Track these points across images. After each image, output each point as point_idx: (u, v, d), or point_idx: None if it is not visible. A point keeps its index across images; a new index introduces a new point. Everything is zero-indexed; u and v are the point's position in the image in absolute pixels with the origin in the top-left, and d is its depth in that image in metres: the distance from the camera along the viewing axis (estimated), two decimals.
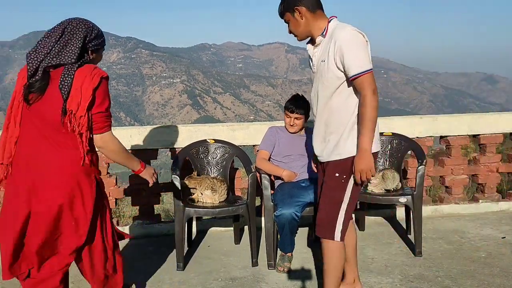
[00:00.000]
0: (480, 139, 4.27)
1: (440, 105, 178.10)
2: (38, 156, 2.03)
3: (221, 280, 2.96)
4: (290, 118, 3.33)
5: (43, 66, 1.99)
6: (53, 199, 2.03)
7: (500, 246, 3.44)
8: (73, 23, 2.07)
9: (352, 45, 2.16)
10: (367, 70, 2.16)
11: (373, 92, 2.16)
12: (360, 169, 2.20)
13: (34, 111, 2.02)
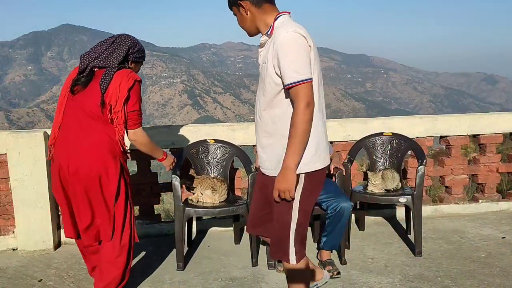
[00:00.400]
0: (480, 139, 4.28)
1: (440, 105, 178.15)
2: (73, 137, 2.43)
3: (221, 280, 2.96)
4: None
5: (91, 66, 2.47)
6: (83, 171, 2.41)
7: (500, 246, 3.45)
8: (122, 37, 2.59)
9: (289, 50, 1.91)
10: (304, 80, 1.90)
11: (307, 105, 1.91)
12: (277, 188, 1.97)
13: (76, 101, 2.43)
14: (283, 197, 1.98)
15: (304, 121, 1.91)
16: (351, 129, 4.01)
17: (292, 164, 1.94)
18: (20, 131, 3.58)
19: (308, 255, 3.31)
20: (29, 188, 3.42)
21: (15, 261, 3.36)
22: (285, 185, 1.95)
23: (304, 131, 1.92)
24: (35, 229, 3.49)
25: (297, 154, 1.94)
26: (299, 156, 1.95)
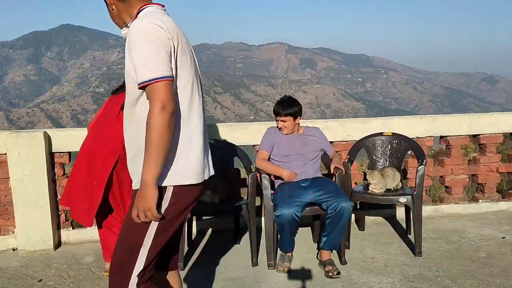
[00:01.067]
0: (480, 139, 4.28)
1: (440, 105, 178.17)
2: (99, 130, 2.86)
3: (221, 280, 2.96)
4: (278, 121, 3.35)
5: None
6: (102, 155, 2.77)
7: (500, 246, 3.45)
8: None
9: (141, 43, 1.62)
10: (157, 78, 1.59)
11: (162, 108, 1.59)
12: (136, 206, 1.65)
13: (109, 103, 2.91)
14: (143, 218, 1.65)
15: (157, 126, 1.58)
16: (351, 129, 4.01)
17: (148, 177, 1.61)
18: (20, 131, 3.58)
19: (308, 255, 3.33)
20: (29, 188, 3.42)
21: (15, 261, 3.36)
22: (143, 203, 1.63)
23: (158, 137, 1.59)
24: (35, 229, 3.49)
25: (153, 166, 1.61)
26: (156, 168, 1.62)
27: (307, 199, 3.07)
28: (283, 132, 3.38)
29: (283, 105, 3.31)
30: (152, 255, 1.76)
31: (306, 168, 3.34)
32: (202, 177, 1.80)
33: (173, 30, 1.69)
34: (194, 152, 1.77)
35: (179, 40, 1.70)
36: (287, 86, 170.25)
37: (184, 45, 1.73)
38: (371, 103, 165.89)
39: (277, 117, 3.35)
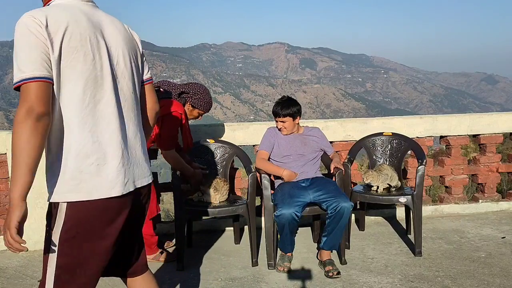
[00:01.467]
0: (480, 139, 4.28)
1: (440, 105, 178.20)
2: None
3: (221, 280, 2.96)
4: (277, 122, 3.35)
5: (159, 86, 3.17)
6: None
7: (500, 246, 3.45)
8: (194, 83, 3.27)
9: (17, 40, 1.44)
10: (29, 79, 1.40)
11: (27, 111, 1.37)
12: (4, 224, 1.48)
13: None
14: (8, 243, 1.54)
15: (21, 132, 1.37)
16: (351, 129, 4.01)
17: (14, 193, 1.42)
18: None
19: (308, 255, 3.33)
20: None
21: (15, 261, 3.36)
22: (7, 220, 1.46)
23: (21, 145, 1.39)
24: (35, 229, 3.48)
25: (18, 179, 1.43)
26: (21, 181, 1.44)
27: (307, 199, 3.06)
28: (283, 132, 3.37)
29: (282, 106, 3.30)
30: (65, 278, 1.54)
31: (306, 168, 3.34)
32: (113, 191, 1.52)
33: (63, 25, 1.45)
34: (85, 164, 1.50)
35: (67, 37, 1.45)
36: (287, 86, 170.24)
37: (77, 42, 1.47)
38: (371, 103, 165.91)
39: (276, 118, 3.35)
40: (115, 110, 1.57)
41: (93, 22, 1.55)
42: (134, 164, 1.64)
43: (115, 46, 1.61)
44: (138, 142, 1.67)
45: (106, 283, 2.93)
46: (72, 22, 1.48)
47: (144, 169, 1.69)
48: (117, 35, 1.62)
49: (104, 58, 1.55)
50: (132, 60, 1.67)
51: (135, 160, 1.65)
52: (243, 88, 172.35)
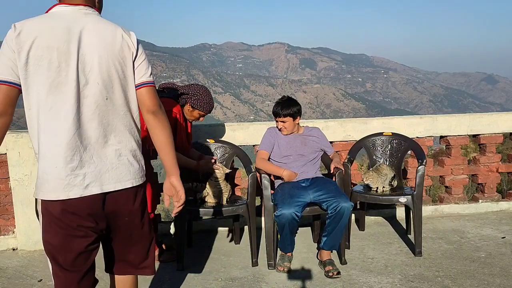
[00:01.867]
0: (480, 139, 4.28)
1: (440, 105, 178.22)
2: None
3: (221, 280, 2.96)
4: (278, 122, 3.35)
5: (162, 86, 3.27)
6: None
7: (500, 246, 3.45)
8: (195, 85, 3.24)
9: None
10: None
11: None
12: None
13: None
14: None
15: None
16: (351, 129, 4.01)
17: None
18: (20, 131, 3.58)
19: (308, 255, 3.33)
20: (29, 188, 3.42)
21: (15, 261, 3.36)
22: None
23: None
24: (35, 229, 3.49)
25: None
26: None
27: (307, 199, 3.06)
28: (283, 132, 3.38)
29: (282, 106, 3.30)
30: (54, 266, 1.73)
31: (306, 168, 3.34)
32: (70, 193, 1.63)
33: (33, 35, 1.58)
34: (48, 166, 1.62)
35: (34, 46, 1.58)
36: (287, 86, 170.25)
37: (44, 51, 1.58)
38: (371, 103, 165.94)
39: (277, 118, 3.35)
40: (77, 116, 1.63)
41: (71, 31, 1.63)
42: (102, 169, 1.69)
43: (90, 54, 1.65)
44: (113, 147, 1.72)
45: (106, 283, 2.93)
46: (44, 32, 1.60)
47: (120, 173, 1.74)
48: (96, 43, 1.67)
49: (71, 65, 1.62)
50: (113, 66, 1.70)
51: (104, 165, 1.70)
52: (243, 88, 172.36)
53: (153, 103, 1.80)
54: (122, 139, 1.75)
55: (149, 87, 1.80)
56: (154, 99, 1.81)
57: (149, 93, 1.80)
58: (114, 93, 1.71)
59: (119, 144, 1.74)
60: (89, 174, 1.65)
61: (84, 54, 1.64)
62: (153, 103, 1.80)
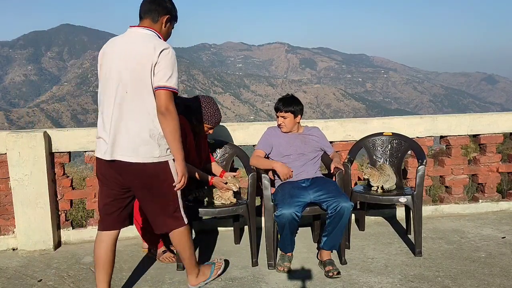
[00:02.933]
0: (480, 139, 4.28)
1: (440, 105, 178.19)
2: None
3: (221, 280, 2.96)
4: (278, 117, 3.37)
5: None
6: None
7: (500, 246, 3.45)
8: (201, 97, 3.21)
9: None
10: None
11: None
12: None
13: None
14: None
15: None
16: (351, 129, 4.01)
17: None
18: (20, 131, 3.58)
19: (308, 255, 3.33)
20: (29, 188, 3.42)
21: (15, 261, 3.36)
22: None
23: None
24: (35, 229, 3.49)
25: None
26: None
27: (307, 199, 3.06)
28: (283, 129, 3.38)
29: (284, 102, 3.35)
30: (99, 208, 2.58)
31: (306, 167, 3.34)
32: (98, 153, 2.46)
33: (103, 50, 2.48)
34: (97, 135, 2.46)
35: (100, 56, 2.49)
36: (287, 86, 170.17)
37: (101, 60, 2.47)
38: (371, 103, 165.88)
39: (278, 113, 3.36)
40: (112, 105, 2.37)
41: (115, 43, 2.45)
42: (115, 143, 2.37)
43: (118, 60, 2.38)
44: (124, 129, 2.35)
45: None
46: (106, 47, 2.49)
47: (124, 149, 2.37)
48: (125, 53, 2.36)
49: (113, 68, 2.38)
50: (131, 71, 2.32)
51: (116, 141, 2.37)
52: (243, 88, 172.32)
53: (160, 105, 2.31)
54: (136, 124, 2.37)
55: (158, 90, 2.31)
56: (161, 102, 2.31)
57: (159, 96, 2.31)
58: (134, 90, 2.34)
59: (135, 128, 2.37)
60: (107, 145, 2.42)
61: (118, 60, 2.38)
62: (160, 104, 2.31)
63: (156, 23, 2.48)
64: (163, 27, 2.50)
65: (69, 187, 3.67)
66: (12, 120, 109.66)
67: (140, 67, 2.30)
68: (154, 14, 2.47)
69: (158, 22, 2.48)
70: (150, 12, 2.46)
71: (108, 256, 2.53)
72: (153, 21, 2.47)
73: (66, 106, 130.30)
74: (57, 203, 3.64)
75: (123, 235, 3.75)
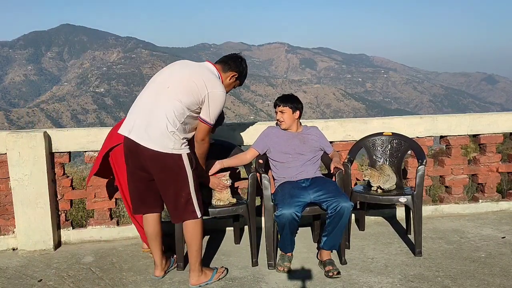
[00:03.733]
0: (480, 139, 4.28)
1: (440, 105, 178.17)
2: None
3: (221, 280, 2.96)
4: (277, 113, 3.40)
5: None
6: None
7: (500, 246, 3.45)
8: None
9: None
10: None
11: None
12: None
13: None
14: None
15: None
16: (351, 129, 4.01)
17: None
18: (20, 131, 3.58)
19: (308, 255, 3.33)
20: (29, 188, 3.42)
21: (15, 261, 3.36)
22: None
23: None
24: (35, 229, 3.49)
25: None
26: None
27: (307, 199, 3.06)
28: (282, 126, 3.38)
29: (282, 97, 3.42)
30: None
31: (305, 167, 3.34)
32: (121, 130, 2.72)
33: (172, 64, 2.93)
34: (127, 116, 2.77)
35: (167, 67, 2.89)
36: (287, 86, 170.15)
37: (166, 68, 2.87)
38: (371, 103, 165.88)
39: (276, 108, 3.40)
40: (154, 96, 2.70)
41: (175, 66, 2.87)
42: (139, 127, 2.64)
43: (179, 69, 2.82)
44: (160, 123, 2.60)
45: (106, 283, 2.93)
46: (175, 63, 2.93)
47: (143, 134, 2.62)
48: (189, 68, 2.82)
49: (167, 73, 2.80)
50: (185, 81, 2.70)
51: (140, 127, 2.64)
52: (243, 88, 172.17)
53: (198, 135, 2.77)
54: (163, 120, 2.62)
55: (202, 123, 2.72)
56: (200, 133, 2.76)
57: (199, 127, 2.75)
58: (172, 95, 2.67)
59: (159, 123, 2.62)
60: (132, 127, 2.69)
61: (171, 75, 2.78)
62: (198, 135, 2.77)
63: (225, 73, 2.89)
64: (228, 79, 2.91)
65: (69, 187, 3.67)
66: (12, 120, 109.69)
67: (194, 85, 2.66)
68: (227, 66, 2.90)
69: (226, 73, 2.89)
70: (224, 64, 2.90)
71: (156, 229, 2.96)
72: (223, 70, 2.89)
73: (66, 106, 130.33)
74: (57, 203, 3.64)
75: (123, 235, 3.76)
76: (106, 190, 3.68)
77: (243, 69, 2.94)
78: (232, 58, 2.92)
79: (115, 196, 3.75)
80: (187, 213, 2.77)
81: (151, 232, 2.92)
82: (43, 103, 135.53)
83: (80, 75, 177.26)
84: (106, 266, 3.21)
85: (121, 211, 5.49)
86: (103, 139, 3.58)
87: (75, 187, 3.80)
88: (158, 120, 2.61)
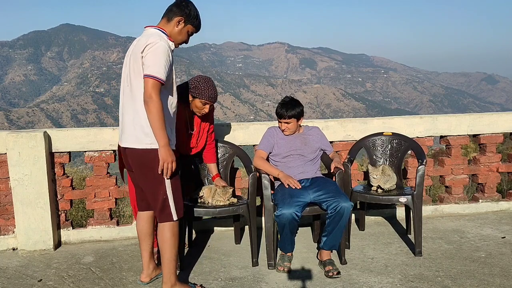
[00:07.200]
0: (480, 139, 4.28)
1: (440, 105, 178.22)
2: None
3: (221, 280, 2.96)
4: (281, 123, 3.35)
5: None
6: None
7: (500, 246, 3.45)
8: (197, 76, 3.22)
9: None
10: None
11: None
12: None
13: None
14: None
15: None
16: (351, 129, 4.01)
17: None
18: (20, 131, 3.58)
19: (308, 255, 3.33)
20: (29, 188, 3.42)
21: (15, 261, 3.36)
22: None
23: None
24: (35, 229, 3.49)
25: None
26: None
27: (307, 199, 3.06)
28: (285, 133, 3.37)
29: (286, 108, 3.29)
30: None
31: (306, 167, 3.34)
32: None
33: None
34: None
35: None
36: (287, 86, 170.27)
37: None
38: (371, 103, 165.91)
39: (281, 120, 3.33)
40: (122, 96, 2.60)
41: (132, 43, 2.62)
42: (121, 130, 2.62)
43: (127, 58, 2.59)
44: (125, 118, 2.57)
45: (106, 283, 2.93)
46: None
47: (124, 135, 2.59)
48: (130, 51, 2.57)
49: (124, 66, 2.59)
50: (130, 64, 2.52)
51: (122, 128, 2.62)
52: (243, 88, 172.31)
53: (143, 93, 2.42)
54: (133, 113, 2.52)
55: (144, 79, 2.41)
56: (144, 90, 2.41)
57: (144, 84, 2.42)
58: (130, 82, 2.52)
59: (132, 117, 2.54)
60: (120, 133, 2.67)
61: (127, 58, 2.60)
62: (143, 92, 2.42)
63: (169, 23, 2.59)
64: (175, 27, 2.59)
65: (69, 187, 3.67)
66: (12, 120, 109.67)
67: (134, 61, 2.48)
68: (170, 14, 2.60)
69: (171, 22, 2.59)
70: (168, 12, 2.61)
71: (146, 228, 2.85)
72: (167, 20, 2.60)
73: (66, 106, 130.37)
74: (57, 203, 3.64)
75: (123, 235, 3.76)
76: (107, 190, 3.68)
77: (189, 10, 2.60)
78: (175, 4, 2.62)
79: (114, 196, 3.75)
80: (163, 214, 2.59)
81: (140, 230, 2.82)
82: (43, 103, 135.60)
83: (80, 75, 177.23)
84: (106, 266, 3.21)
85: (121, 211, 5.49)
86: (103, 139, 3.58)
87: (75, 187, 3.80)
88: (128, 116, 2.55)
